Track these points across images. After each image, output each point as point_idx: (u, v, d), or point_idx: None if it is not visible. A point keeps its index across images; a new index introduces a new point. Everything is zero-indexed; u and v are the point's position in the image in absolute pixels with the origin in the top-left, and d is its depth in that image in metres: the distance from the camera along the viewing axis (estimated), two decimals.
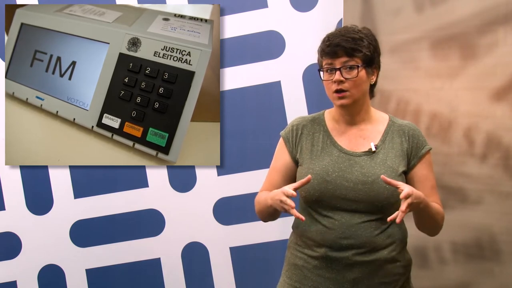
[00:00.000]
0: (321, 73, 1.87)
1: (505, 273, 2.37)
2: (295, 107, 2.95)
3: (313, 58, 2.90)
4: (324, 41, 1.86)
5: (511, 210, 2.35)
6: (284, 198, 1.72)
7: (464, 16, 2.44)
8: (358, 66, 1.81)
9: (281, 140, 1.97)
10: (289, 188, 1.73)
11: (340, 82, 1.81)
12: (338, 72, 1.80)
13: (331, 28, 2.88)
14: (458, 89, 2.45)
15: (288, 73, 2.97)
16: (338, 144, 1.88)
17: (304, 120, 1.96)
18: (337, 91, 1.82)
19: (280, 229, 2.92)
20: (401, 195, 1.68)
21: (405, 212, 1.67)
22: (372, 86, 1.91)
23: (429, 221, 1.87)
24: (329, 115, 1.95)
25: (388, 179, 1.73)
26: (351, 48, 1.80)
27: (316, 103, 2.91)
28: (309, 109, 2.93)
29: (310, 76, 2.94)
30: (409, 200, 1.67)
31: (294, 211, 1.72)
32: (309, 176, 1.76)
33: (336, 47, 1.81)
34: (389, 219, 1.68)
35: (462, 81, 2.44)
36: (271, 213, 1.90)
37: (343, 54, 1.80)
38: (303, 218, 1.73)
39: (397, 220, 1.66)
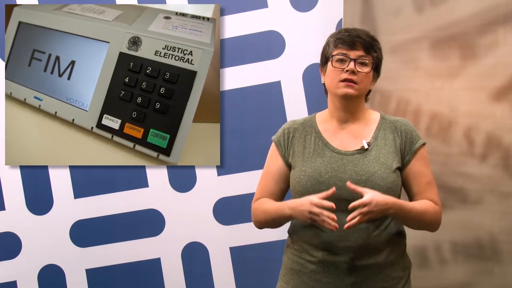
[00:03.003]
0: (331, 61, 1.83)
1: (505, 273, 2.37)
2: (295, 107, 2.95)
3: (313, 58, 2.94)
4: (340, 31, 1.85)
5: (511, 210, 2.35)
6: (317, 210, 1.70)
7: (464, 16, 2.44)
8: (372, 63, 1.82)
9: (272, 145, 1.96)
10: (317, 198, 1.72)
11: (352, 72, 1.80)
12: (352, 63, 1.80)
13: (331, 28, 2.92)
14: (458, 89, 2.46)
15: (288, 73, 2.97)
16: (330, 144, 1.86)
17: (295, 124, 1.94)
18: (346, 80, 1.81)
19: (280, 229, 2.88)
20: (354, 203, 1.68)
21: (358, 219, 1.68)
22: (367, 93, 1.90)
23: (412, 223, 1.85)
24: (321, 117, 1.94)
25: (353, 186, 1.72)
26: (369, 44, 1.82)
27: (316, 103, 2.90)
28: (309, 109, 2.93)
29: (310, 76, 2.94)
30: (364, 209, 1.68)
31: (328, 222, 1.70)
32: (334, 188, 1.73)
33: (356, 38, 1.81)
34: (345, 227, 1.69)
35: (462, 81, 2.44)
36: (281, 223, 1.89)
37: (361, 47, 1.81)
38: (336, 226, 1.70)
39: (348, 224, 1.68)
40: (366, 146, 1.84)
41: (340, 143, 1.87)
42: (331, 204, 1.69)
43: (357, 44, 1.81)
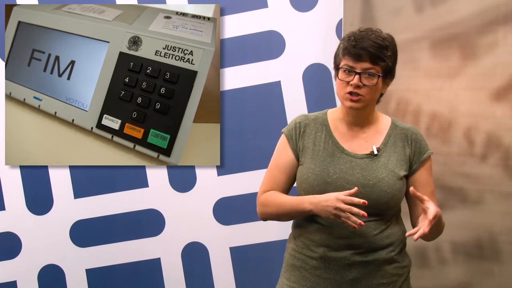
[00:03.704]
0: (338, 71, 1.83)
1: (505, 273, 2.37)
2: (295, 107, 2.94)
3: (313, 58, 2.94)
4: (349, 39, 1.81)
5: (511, 210, 2.36)
6: (345, 207, 1.69)
7: (464, 16, 2.44)
8: (379, 76, 1.79)
9: (283, 138, 1.95)
10: (344, 195, 1.71)
11: (357, 86, 1.78)
12: (357, 77, 1.77)
13: (331, 28, 2.92)
14: (458, 89, 2.46)
15: (288, 73, 2.97)
16: (340, 145, 1.87)
17: (307, 119, 1.94)
18: (351, 93, 1.80)
19: (280, 229, 2.92)
20: (430, 216, 1.67)
21: (427, 233, 1.67)
22: (380, 95, 1.90)
23: (435, 234, 1.86)
24: (332, 115, 1.94)
25: (418, 193, 1.72)
26: (376, 56, 1.77)
27: (316, 103, 2.91)
28: (309, 109, 2.93)
29: (310, 76, 2.94)
30: (434, 222, 1.68)
31: (354, 219, 1.69)
32: (356, 188, 1.73)
33: (362, 50, 1.77)
34: (407, 234, 1.70)
35: (462, 81, 2.45)
36: (295, 217, 1.88)
37: (367, 59, 1.77)
38: (361, 223, 1.70)
39: (415, 237, 1.66)
40: (375, 152, 1.85)
41: (350, 145, 1.88)
42: (363, 200, 1.69)
43: (363, 56, 1.77)
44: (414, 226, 1.87)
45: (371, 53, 1.77)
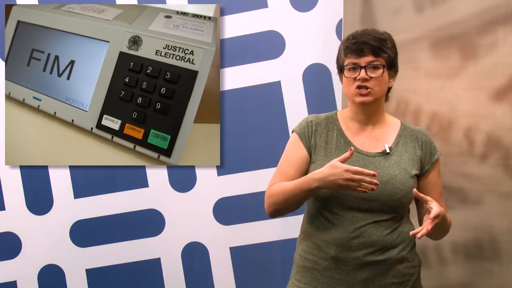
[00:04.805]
0: (343, 71, 1.87)
1: (505, 273, 2.37)
2: (295, 107, 2.94)
3: (313, 58, 2.94)
4: (348, 39, 1.87)
5: (511, 210, 2.35)
6: (357, 176, 1.70)
7: (464, 16, 2.44)
8: (383, 66, 1.84)
9: (294, 136, 1.97)
10: (353, 168, 1.72)
11: (364, 80, 1.82)
12: (363, 70, 1.82)
13: (331, 28, 2.93)
14: (458, 89, 2.45)
15: (288, 73, 2.97)
16: (352, 143, 1.90)
17: (318, 118, 1.97)
18: (359, 88, 1.83)
19: (280, 229, 2.92)
20: (431, 215, 1.70)
21: (430, 231, 1.70)
22: (388, 90, 1.92)
23: (441, 233, 1.92)
24: (342, 116, 1.97)
25: (421, 194, 1.76)
26: (377, 47, 1.83)
27: (316, 103, 2.91)
28: (309, 109, 2.93)
29: (310, 76, 2.94)
30: (436, 221, 1.71)
31: (365, 185, 1.71)
32: (352, 149, 1.76)
33: (363, 44, 1.83)
34: (411, 233, 1.72)
35: (462, 81, 2.44)
36: (301, 200, 1.86)
37: (369, 52, 1.83)
38: (373, 187, 1.73)
39: (418, 236, 1.70)
40: (387, 150, 1.88)
41: (361, 144, 1.91)
42: (372, 172, 1.72)
43: (365, 50, 1.83)
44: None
45: (372, 46, 1.83)
